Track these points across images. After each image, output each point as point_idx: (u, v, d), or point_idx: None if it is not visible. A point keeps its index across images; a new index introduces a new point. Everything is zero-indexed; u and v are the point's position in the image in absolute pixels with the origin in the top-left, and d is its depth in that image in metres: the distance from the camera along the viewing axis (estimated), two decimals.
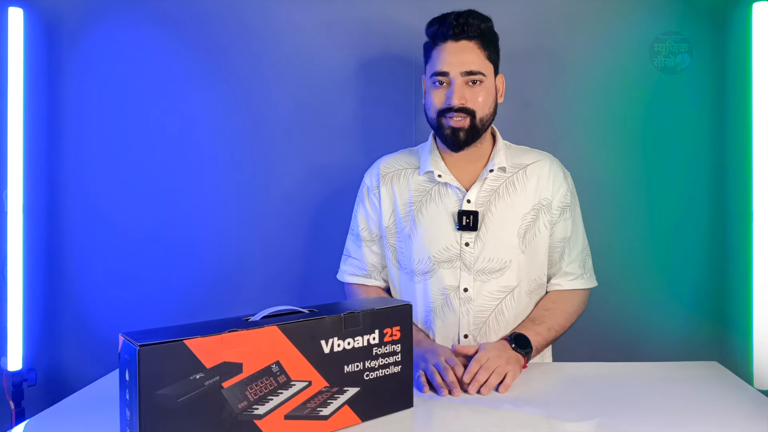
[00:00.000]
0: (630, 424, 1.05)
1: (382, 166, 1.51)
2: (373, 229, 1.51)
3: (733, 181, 1.74)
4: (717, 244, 1.77)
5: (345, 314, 1.03)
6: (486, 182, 1.42)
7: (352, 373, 1.04)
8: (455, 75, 1.35)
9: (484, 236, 1.40)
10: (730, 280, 1.75)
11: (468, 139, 1.38)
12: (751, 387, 1.23)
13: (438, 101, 1.38)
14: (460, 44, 1.36)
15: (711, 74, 1.76)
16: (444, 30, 1.36)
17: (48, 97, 1.83)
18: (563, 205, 1.44)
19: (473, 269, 1.40)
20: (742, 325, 1.67)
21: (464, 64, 1.35)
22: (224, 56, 1.83)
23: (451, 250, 1.41)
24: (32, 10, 1.79)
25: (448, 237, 1.41)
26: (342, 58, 1.82)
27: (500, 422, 1.08)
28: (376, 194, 1.49)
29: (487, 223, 1.40)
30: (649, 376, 1.30)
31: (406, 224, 1.45)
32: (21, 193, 1.75)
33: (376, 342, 1.07)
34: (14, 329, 1.74)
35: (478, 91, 1.36)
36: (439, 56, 1.37)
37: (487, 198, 1.41)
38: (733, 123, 1.74)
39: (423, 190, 1.45)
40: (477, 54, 1.36)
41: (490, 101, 1.38)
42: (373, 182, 1.51)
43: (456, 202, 1.42)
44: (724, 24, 1.75)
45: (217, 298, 1.84)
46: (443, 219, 1.42)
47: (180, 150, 1.84)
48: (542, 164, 1.45)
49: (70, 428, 1.07)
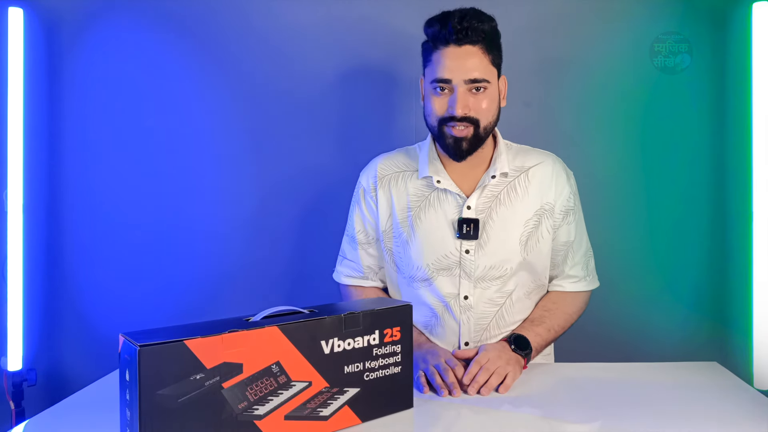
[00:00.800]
0: (630, 424, 1.05)
1: (380, 167, 1.45)
2: (369, 231, 1.46)
3: (733, 181, 1.74)
4: (717, 244, 1.77)
5: (345, 315, 1.03)
6: (487, 188, 1.37)
7: (352, 374, 1.04)
8: (458, 82, 1.27)
9: (484, 244, 1.35)
10: (730, 280, 1.75)
11: (471, 148, 1.31)
12: (751, 387, 1.23)
13: (439, 109, 1.30)
14: (464, 49, 1.27)
15: (711, 74, 1.76)
16: (446, 33, 1.27)
17: (48, 97, 1.83)
18: (566, 208, 1.40)
19: (473, 277, 1.36)
20: (742, 325, 1.67)
21: (468, 71, 1.26)
22: (224, 56, 1.83)
23: (450, 258, 1.36)
24: (32, 10, 1.79)
25: (448, 245, 1.36)
26: (342, 57, 1.82)
27: (500, 422, 1.08)
28: (373, 197, 1.44)
29: (488, 230, 1.35)
30: (649, 376, 1.30)
31: (404, 230, 1.40)
32: (21, 193, 1.75)
33: (376, 342, 1.06)
34: (14, 329, 1.74)
35: (482, 99, 1.29)
36: (440, 61, 1.28)
37: (488, 204, 1.36)
38: (733, 123, 1.74)
39: (421, 195, 1.39)
40: (481, 59, 1.27)
41: (494, 108, 1.32)
42: (370, 184, 1.45)
43: (456, 209, 1.37)
44: (724, 24, 1.75)
45: (217, 298, 1.85)
46: (442, 226, 1.37)
47: (180, 150, 1.84)
48: (545, 166, 1.40)
49: (70, 428, 1.06)
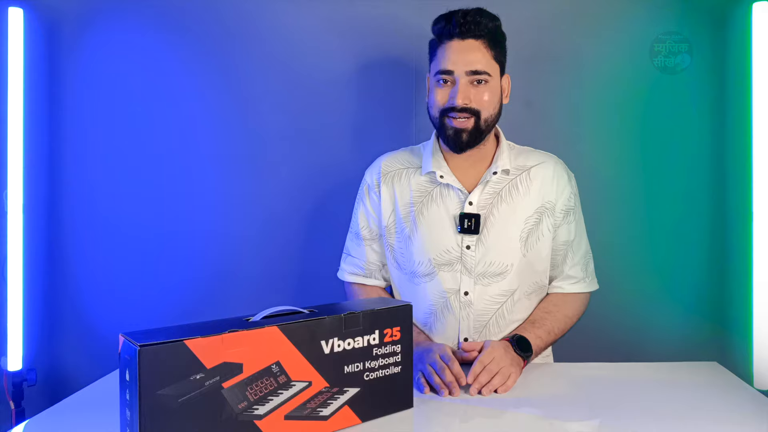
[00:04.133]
0: (630, 424, 1.05)
1: (384, 165, 1.48)
2: (373, 227, 1.49)
3: (733, 181, 1.74)
4: (717, 244, 1.77)
5: (345, 315, 1.03)
6: (489, 184, 1.39)
7: (352, 374, 1.04)
8: (460, 74, 1.31)
9: (485, 240, 1.37)
10: (730, 280, 1.75)
11: (471, 140, 1.34)
12: (751, 387, 1.23)
13: (441, 100, 1.34)
14: (467, 43, 1.32)
15: (711, 74, 1.76)
16: (451, 28, 1.32)
17: (48, 97, 1.83)
18: (567, 208, 1.42)
19: (474, 273, 1.37)
20: (742, 325, 1.67)
21: (470, 63, 1.31)
22: (225, 56, 1.83)
23: (451, 253, 1.38)
24: (32, 10, 1.79)
25: (449, 240, 1.38)
26: (342, 57, 1.82)
27: (500, 422, 1.08)
28: (377, 192, 1.47)
29: (489, 226, 1.37)
30: (649, 376, 1.30)
31: (406, 225, 1.42)
32: (21, 193, 1.75)
33: (376, 342, 1.07)
34: (14, 329, 1.74)
35: (483, 91, 1.33)
36: (444, 54, 1.33)
37: (489, 200, 1.39)
38: (733, 123, 1.74)
39: (424, 190, 1.42)
40: (483, 53, 1.32)
41: (495, 101, 1.35)
42: (374, 180, 1.48)
43: (458, 204, 1.39)
44: (724, 24, 1.75)
45: (217, 297, 1.84)
46: (444, 221, 1.39)
47: (180, 150, 1.84)
48: (546, 166, 1.42)
49: (70, 428, 1.06)
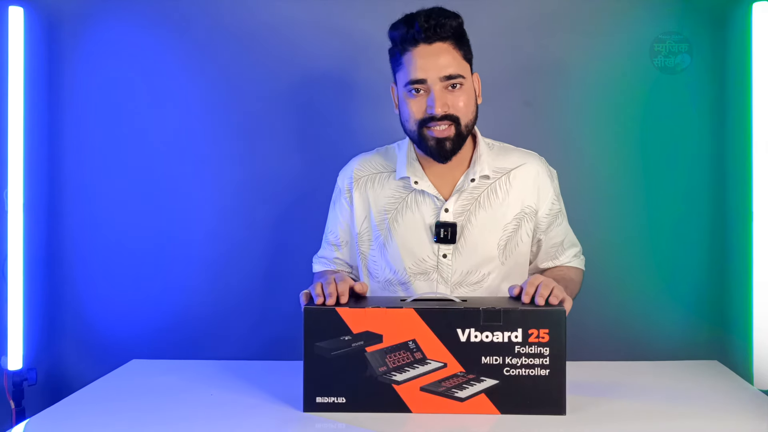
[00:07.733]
0: (630, 423, 1.05)
1: (356, 170, 1.41)
2: (341, 233, 1.44)
3: (733, 181, 1.74)
4: (717, 244, 1.77)
5: (484, 308, 1.06)
6: (466, 191, 1.34)
7: (491, 366, 1.06)
8: (433, 81, 1.24)
9: (462, 248, 1.33)
10: (730, 280, 1.75)
11: (455, 148, 1.28)
12: (752, 386, 1.23)
13: (417, 111, 1.27)
14: (434, 47, 1.24)
15: (711, 74, 1.76)
16: (414, 32, 1.24)
17: (48, 96, 1.83)
18: (553, 212, 1.39)
19: (450, 282, 1.34)
20: (742, 325, 1.67)
21: (442, 68, 1.24)
22: (225, 56, 1.83)
23: (427, 262, 1.34)
24: (33, 10, 1.79)
25: (425, 248, 1.34)
26: (341, 57, 1.82)
27: (501, 422, 1.08)
28: (347, 198, 1.41)
29: (467, 234, 1.33)
30: (649, 376, 1.30)
31: (381, 232, 1.37)
32: (21, 193, 1.75)
33: (518, 340, 1.06)
34: (14, 329, 1.74)
35: (459, 95, 1.26)
36: (412, 62, 1.25)
37: (467, 207, 1.33)
38: (733, 123, 1.74)
39: (399, 197, 1.36)
40: (453, 55, 1.25)
41: (471, 105, 1.29)
42: (345, 185, 1.42)
43: (433, 212, 1.34)
44: (724, 24, 1.75)
45: (217, 297, 1.84)
46: (419, 229, 1.34)
47: (180, 150, 1.84)
48: (527, 168, 1.37)
49: (70, 428, 1.06)
